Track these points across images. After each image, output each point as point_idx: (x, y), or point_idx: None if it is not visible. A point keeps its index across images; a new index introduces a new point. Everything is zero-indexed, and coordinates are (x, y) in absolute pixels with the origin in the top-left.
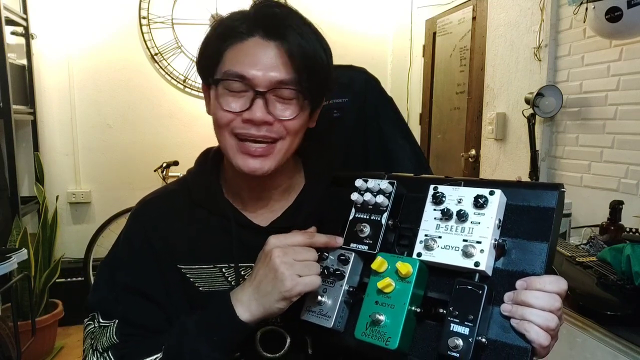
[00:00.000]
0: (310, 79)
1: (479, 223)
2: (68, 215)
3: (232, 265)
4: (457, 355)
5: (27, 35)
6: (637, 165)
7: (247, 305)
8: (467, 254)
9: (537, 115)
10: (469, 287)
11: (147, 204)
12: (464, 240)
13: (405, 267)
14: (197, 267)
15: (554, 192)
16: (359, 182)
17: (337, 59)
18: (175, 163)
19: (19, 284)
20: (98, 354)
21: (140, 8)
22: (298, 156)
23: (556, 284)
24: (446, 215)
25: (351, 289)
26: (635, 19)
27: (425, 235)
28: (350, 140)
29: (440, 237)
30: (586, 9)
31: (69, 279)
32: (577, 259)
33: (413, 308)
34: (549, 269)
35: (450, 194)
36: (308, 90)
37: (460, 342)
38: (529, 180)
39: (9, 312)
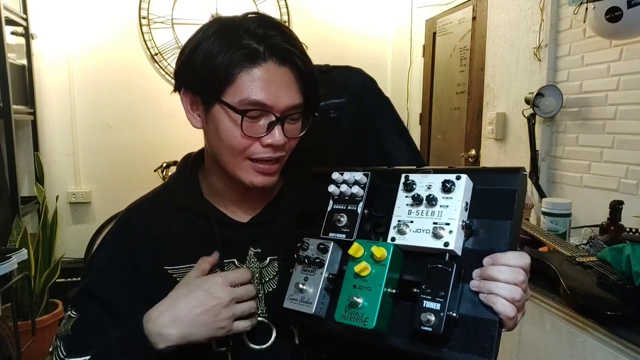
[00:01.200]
0: (312, 98)
1: (447, 206)
2: (68, 215)
3: (218, 261)
4: (430, 329)
5: (27, 35)
6: (637, 165)
7: (166, 339)
8: (436, 236)
9: (537, 115)
10: (439, 266)
11: (133, 210)
12: (434, 223)
13: (379, 251)
14: (183, 266)
15: (516, 174)
16: (335, 175)
17: (337, 59)
18: (175, 163)
19: (19, 284)
20: (59, 340)
21: (140, 8)
22: None
23: (520, 258)
24: (417, 200)
25: (331, 276)
26: (635, 19)
27: (398, 221)
28: (348, 140)
29: (412, 221)
30: (586, 9)
31: (69, 279)
32: (577, 259)
33: (389, 290)
34: (513, 246)
35: (421, 181)
36: (312, 108)
37: (432, 317)
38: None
39: (9, 312)
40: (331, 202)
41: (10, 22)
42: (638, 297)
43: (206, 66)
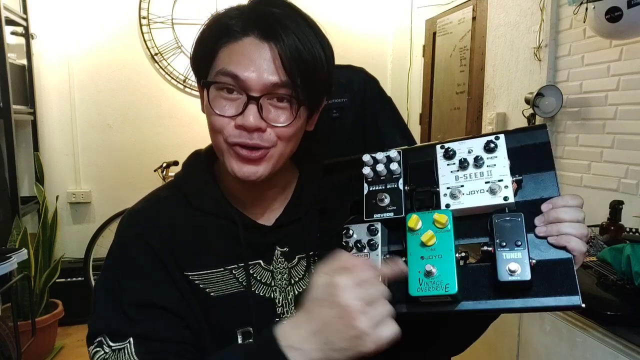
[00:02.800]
0: (306, 83)
1: (495, 165)
2: (68, 215)
3: (242, 265)
4: (519, 278)
5: (27, 35)
6: (637, 165)
7: (307, 356)
8: (494, 192)
9: (537, 115)
10: (508, 218)
11: (139, 214)
12: (486, 182)
13: (442, 217)
14: (206, 272)
15: (544, 130)
16: (366, 157)
17: (337, 59)
18: (175, 163)
19: (19, 284)
20: None
21: (140, 8)
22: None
23: (576, 199)
24: (463, 165)
25: (387, 257)
26: (635, 19)
27: (448, 188)
28: (349, 139)
29: (462, 185)
30: (586, 9)
31: (69, 279)
32: None
33: (457, 254)
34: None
35: (459, 147)
36: (304, 94)
37: (517, 265)
38: None
39: (9, 312)
40: (366, 185)
41: (10, 22)
42: (638, 297)
43: (196, 50)
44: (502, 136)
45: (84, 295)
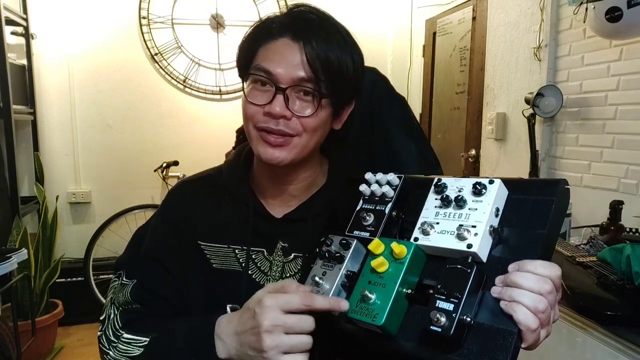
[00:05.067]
0: (330, 80)
1: (476, 209)
2: (68, 215)
3: (245, 248)
4: (439, 329)
5: (27, 35)
6: (637, 165)
7: (226, 348)
8: (460, 237)
9: (537, 115)
10: (459, 267)
11: (183, 186)
12: (460, 225)
13: (399, 248)
14: (214, 245)
15: (555, 184)
16: (368, 175)
17: None
18: (175, 163)
19: (19, 284)
20: (115, 308)
21: (140, 8)
22: (325, 156)
23: (548, 268)
24: (445, 201)
25: (349, 273)
26: (635, 19)
27: (424, 222)
28: (357, 139)
29: (437, 222)
30: (586, 9)
31: (69, 279)
32: (577, 259)
33: (404, 290)
34: (546, 259)
35: (452, 183)
36: (327, 91)
37: (443, 318)
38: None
39: (9, 312)
40: (361, 201)
41: (10, 22)
42: (638, 297)
43: (240, 48)
44: (497, 181)
45: (84, 295)
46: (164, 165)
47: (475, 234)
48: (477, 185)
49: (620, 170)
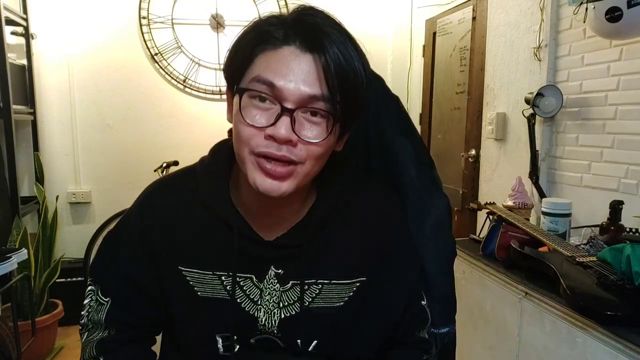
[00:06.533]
0: (345, 99)
1: None
2: (68, 215)
3: (231, 274)
4: None
5: (27, 35)
6: (637, 165)
7: None
8: None
9: (537, 115)
10: None
11: (155, 193)
12: None
13: None
14: (198, 271)
15: None
16: None
17: None
18: (175, 163)
19: (19, 284)
20: (87, 332)
21: (140, 8)
22: None
23: None
24: None
25: None
26: (635, 19)
27: None
28: (353, 139)
29: None
30: (586, 9)
31: (69, 279)
32: (577, 259)
33: None
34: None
35: None
36: (341, 111)
37: None
38: (528, 179)
39: (9, 312)
40: None
41: (10, 22)
42: (638, 297)
43: (232, 55)
44: None
45: (84, 295)
46: (164, 165)
47: None
48: None
49: (620, 170)
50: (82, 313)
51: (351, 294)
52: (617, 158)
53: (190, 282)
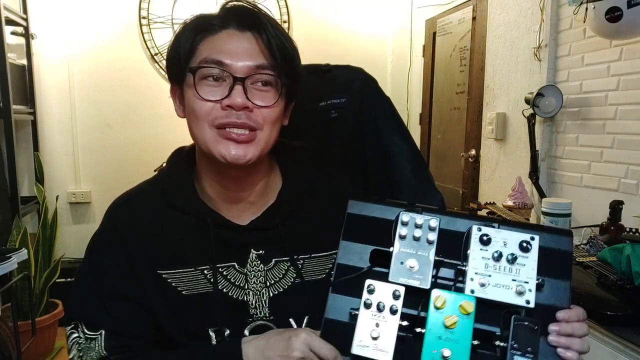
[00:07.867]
0: (286, 68)
1: (524, 265)
2: (68, 215)
3: (212, 266)
4: None
5: (27, 35)
6: (637, 165)
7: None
8: (520, 293)
9: (537, 115)
10: (526, 324)
11: (121, 208)
12: (513, 280)
13: (469, 305)
14: (178, 271)
15: (570, 238)
16: (406, 217)
17: (337, 59)
18: None
19: (19, 284)
20: None
21: (140, 8)
22: (272, 155)
23: (584, 315)
24: (497, 258)
25: (404, 324)
26: (635, 19)
27: (476, 274)
28: (349, 140)
29: (490, 275)
30: (586, 9)
31: (69, 279)
32: (577, 259)
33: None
34: (571, 303)
35: (495, 236)
36: (286, 80)
37: None
38: (529, 180)
39: (9, 312)
40: (398, 242)
41: (10, 22)
42: (638, 297)
43: (174, 49)
44: (537, 237)
45: None
46: (164, 165)
47: (530, 290)
48: (524, 243)
49: (620, 170)
50: (71, 357)
51: (330, 265)
52: (617, 158)
53: (173, 284)
